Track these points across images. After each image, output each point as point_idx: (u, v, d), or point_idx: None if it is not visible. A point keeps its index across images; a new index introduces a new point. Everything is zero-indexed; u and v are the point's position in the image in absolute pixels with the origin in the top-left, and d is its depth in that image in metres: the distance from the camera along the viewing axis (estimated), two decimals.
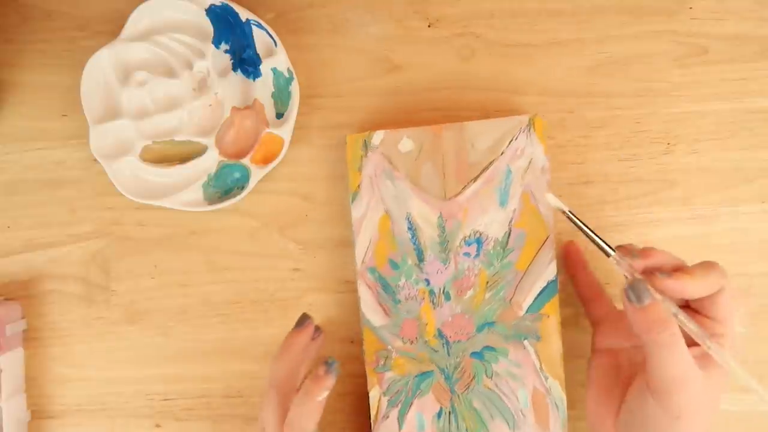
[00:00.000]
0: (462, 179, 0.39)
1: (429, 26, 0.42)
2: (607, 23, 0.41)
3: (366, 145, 0.40)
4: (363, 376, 0.41)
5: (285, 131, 0.40)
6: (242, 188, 0.41)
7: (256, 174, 0.41)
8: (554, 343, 0.38)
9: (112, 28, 0.42)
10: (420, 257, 0.39)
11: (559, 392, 0.38)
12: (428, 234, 0.39)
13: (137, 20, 0.40)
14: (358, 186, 0.40)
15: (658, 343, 0.30)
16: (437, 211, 0.39)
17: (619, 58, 0.41)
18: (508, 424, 0.38)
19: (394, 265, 0.39)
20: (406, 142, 0.39)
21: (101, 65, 0.41)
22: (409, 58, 0.42)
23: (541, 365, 0.38)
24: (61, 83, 0.43)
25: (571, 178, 0.41)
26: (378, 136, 0.40)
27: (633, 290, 0.31)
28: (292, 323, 0.42)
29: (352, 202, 0.40)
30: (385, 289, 0.39)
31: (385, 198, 0.40)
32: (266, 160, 0.41)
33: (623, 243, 0.34)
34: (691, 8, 0.41)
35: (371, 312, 0.39)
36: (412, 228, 0.39)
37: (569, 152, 0.41)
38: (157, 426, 0.42)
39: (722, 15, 0.41)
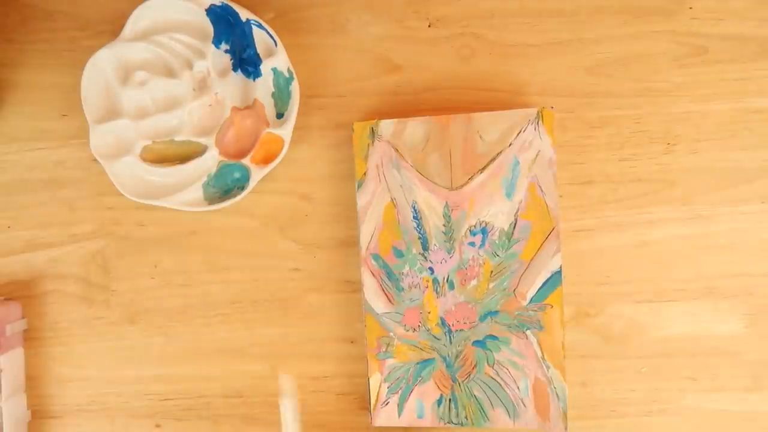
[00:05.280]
0: (469, 170, 0.39)
1: (429, 26, 0.42)
2: (606, 23, 0.41)
3: (373, 134, 0.40)
4: (363, 376, 0.41)
5: (285, 131, 0.40)
6: (242, 188, 0.41)
7: (256, 174, 0.41)
8: (557, 333, 0.38)
9: (112, 28, 0.42)
10: (425, 246, 0.40)
11: (560, 382, 0.38)
12: (433, 223, 0.39)
13: (137, 20, 0.41)
14: (364, 174, 0.40)
15: None
16: (443, 201, 0.39)
17: (618, 58, 0.41)
18: (508, 412, 0.38)
19: (399, 254, 0.40)
20: (414, 131, 0.39)
21: (101, 65, 0.41)
22: (409, 58, 0.42)
23: (543, 355, 0.38)
24: (62, 83, 0.43)
25: (572, 177, 0.41)
26: (385, 125, 0.40)
27: None
28: (292, 323, 0.42)
29: (358, 189, 0.40)
30: (389, 276, 0.40)
31: (391, 186, 0.40)
32: (266, 160, 0.41)
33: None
34: (691, 8, 0.41)
35: (374, 298, 0.40)
36: (417, 217, 0.40)
37: (569, 152, 0.41)
38: (157, 426, 0.42)
39: (722, 15, 0.41)
